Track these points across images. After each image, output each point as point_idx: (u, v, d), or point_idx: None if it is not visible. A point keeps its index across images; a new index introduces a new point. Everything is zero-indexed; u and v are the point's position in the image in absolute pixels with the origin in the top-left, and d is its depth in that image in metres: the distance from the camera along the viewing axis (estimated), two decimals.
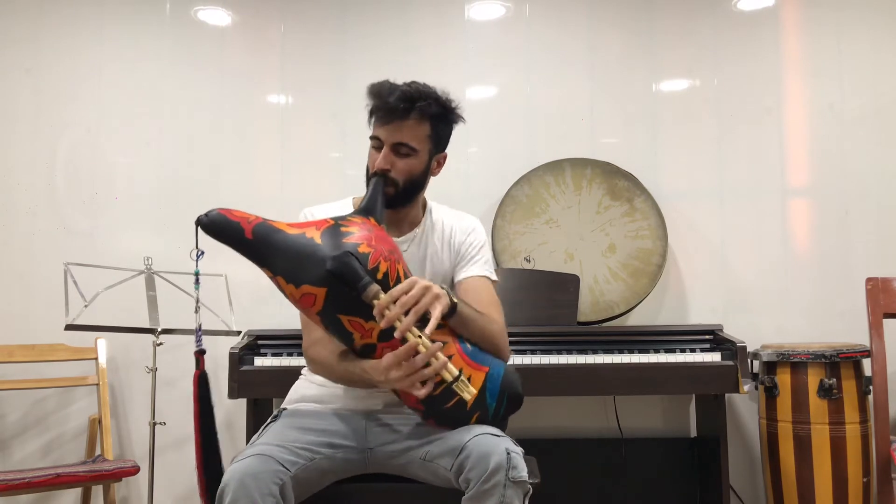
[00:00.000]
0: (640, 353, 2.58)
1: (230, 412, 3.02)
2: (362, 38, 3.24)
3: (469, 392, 1.56)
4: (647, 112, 3.19)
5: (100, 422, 2.85)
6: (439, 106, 1.77)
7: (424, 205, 1.92)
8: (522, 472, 1.51)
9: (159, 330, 2.74)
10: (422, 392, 1.55)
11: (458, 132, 1.88)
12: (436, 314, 1.53)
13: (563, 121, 3.20)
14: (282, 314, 3.03)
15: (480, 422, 1.62)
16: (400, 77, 1.82)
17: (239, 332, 2.78)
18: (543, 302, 2.78)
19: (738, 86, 3.18)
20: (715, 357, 2.57)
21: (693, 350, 2.61)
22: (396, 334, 1.51)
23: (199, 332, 1.74)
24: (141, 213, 3.16)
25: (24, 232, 3.13)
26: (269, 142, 3.22)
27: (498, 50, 3.25)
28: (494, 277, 1.89)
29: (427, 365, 1.52)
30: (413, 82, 1.78)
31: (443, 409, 1.61)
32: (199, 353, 1.72)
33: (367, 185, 1.79)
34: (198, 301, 1.77)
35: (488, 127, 3.18)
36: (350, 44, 3.24)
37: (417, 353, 1.52)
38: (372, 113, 1.78)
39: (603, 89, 3.21)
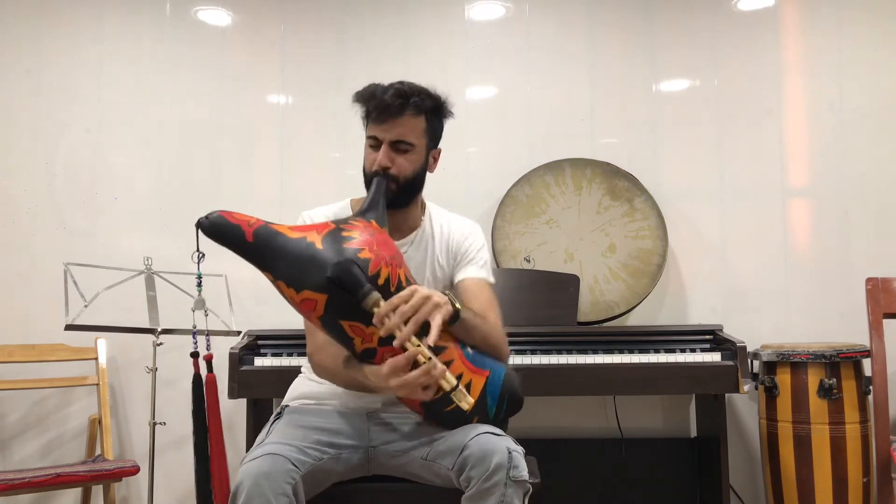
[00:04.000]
0: (640, 353, 2.58)
1: (230, 412, 3.01)
2: (362, 38, 3.24)
3: (467, 402, 1.55)
4: (647, 112, 3.19)
5: (100, 422, 2.86)
6: (432, 100, 1.80)
7: (423, 207, 1.93)
8: (523, 471, 1.52)
9: (159, 330, 2.74)
10: (423, 396, 1.55)
11: (458, 132, 1.89)
12: (436, 323, 1.52)
13: (563, 121, 3.20)
14: (282, 314, 3.03)
15: (481, 423, 1.62)
16: (399, 77, 1.83)
17: (239, 333, 2.78)
18: (543, 302, 2.78)
19: (738, 86, 3.18)
20: (715, 357, 2.57)
21: (693, 350, 2.61)
22: (395, 343, 1.50)
23: (195, 335, 1.71)
24: (141, 213, 3.16)
25: (24, 232, 3.13)
26: (269, 142, 3.22)
27: (498, 50, 3.25)
28: (492, 280, 1.90)
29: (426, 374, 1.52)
30: (403, 81, 1.80)
31: (443, 412, 1.61)
32: (194, 356, 1.70)
33: (367, 186, 1.79)
34: (204, 304, 1.75)
35: (488, 127, 3.18)
36: (350, 44, 3.24)
37: (417, 361, 1.51)
38: (367, 114, 1.79)
39: (603, 89, 3.21)
